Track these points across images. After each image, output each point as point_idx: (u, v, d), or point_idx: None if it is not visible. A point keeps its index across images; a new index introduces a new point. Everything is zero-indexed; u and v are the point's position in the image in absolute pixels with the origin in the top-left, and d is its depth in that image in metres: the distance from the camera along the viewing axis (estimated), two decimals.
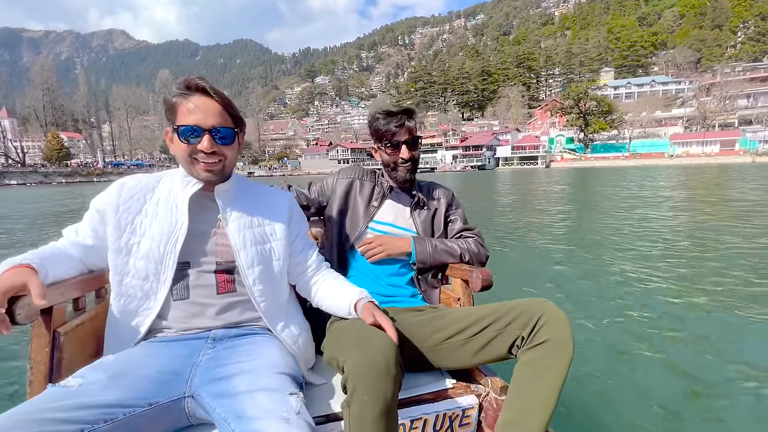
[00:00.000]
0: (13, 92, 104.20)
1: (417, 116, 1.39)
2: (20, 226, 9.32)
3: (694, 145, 57.81)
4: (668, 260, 4.28)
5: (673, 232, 5.98)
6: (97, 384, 0.76)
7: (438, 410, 1.07)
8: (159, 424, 0.80)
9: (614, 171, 34.27)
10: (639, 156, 58.78)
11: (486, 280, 1.23)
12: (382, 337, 0.92)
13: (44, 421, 0.63)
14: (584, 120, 66.28)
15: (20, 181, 54.78)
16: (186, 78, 0.94)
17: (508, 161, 72.12)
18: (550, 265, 4.40)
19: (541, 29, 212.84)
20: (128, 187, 0.98)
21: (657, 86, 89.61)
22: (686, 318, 2.77)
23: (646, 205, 9.52)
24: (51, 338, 0.87)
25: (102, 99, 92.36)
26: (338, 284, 1.14)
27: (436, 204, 1.48)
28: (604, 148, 68.31)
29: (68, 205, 15.75)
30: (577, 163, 61.86)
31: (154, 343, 0.93)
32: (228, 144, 0.96)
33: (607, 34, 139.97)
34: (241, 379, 0.84)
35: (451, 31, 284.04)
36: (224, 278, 0.99)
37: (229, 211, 1.02)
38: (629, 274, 3.84)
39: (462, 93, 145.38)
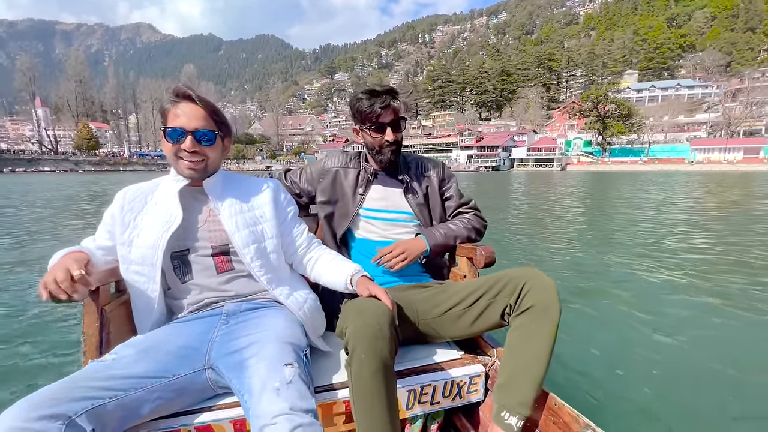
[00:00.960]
0: (46, 82, 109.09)
1: (401, 98, 1.33)
2: (58, 206, 10.54)
3: (716, 152, 56.43)
4: (689, 270, 4.09)
5: (687, 236, 5.82)
6: (128, 358, 0.88)
7: (446, 378, 1.13)
8: (187, 393, 0.91)
9: (630, 175, 34.06)
10: (658, 161, 57.78)
11: (489, 257, 1.30)
12: (377, 305, 1.01)
13: (86, 388, 0.77)
14: (603, 123, 65.35)
15: (52, 168, 57.81)
16: (175, 86, 1.05)
17: (523, 163, 71.78)
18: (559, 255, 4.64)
19: (564, 29, 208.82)
20: (130, 193, 1.11)
21: (682, 90, 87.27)
22: (705, 320, 2.76)
23: (657, 208, 9.53)
24: (99, 315, 1.00)
25: (129, 91, 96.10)
26: (333, 260, 1.23)
27: (427, 181, 1.45)
28: (622, 152, 67.30)
29: (97, 191, 17.13)
30: (593, 167, 61.19)
31: (176, 323, 1.06)
32: (210, 145, 1.07)
33: (633, 35, 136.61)
34: (249, 351, 0.92)
35: (472, 29, 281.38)
36: (221, 259, 1.09)
37: (219, 200, 1.12)
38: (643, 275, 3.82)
39: (480, 93, 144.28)
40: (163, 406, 0.88)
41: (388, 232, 1.40)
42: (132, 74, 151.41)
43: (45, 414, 0.69)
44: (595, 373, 1.97)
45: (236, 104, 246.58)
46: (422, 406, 1.14)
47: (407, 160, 1.47)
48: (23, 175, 43.90)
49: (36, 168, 56.58)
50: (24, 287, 3.38)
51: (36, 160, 59.78)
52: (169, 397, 0.88)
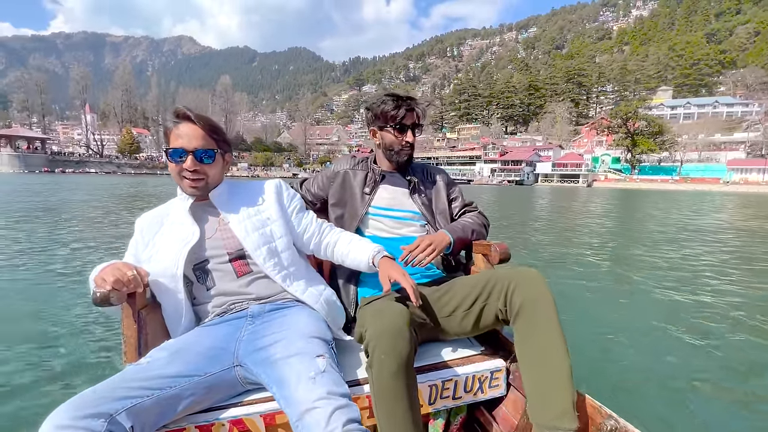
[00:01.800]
0: (95, 90, 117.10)
1: (423, 106, 1.43)
2: (109, 202, 11.89)
3: (755, 173, 53.95)
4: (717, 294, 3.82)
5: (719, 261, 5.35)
6: (161, 360, 0.95)
7: (467, 373, 1.15)
8: (218, 390, 0.98)
9: (660, 194, 33.08)
10: (690, 180, 55.80)
11: (504, 253, 1.31)
12: (394, 306, 1.04)
13: (125, 389, 0.84)
14: (632, 140, 63.81)
15: (97, 169, 62.10)
16: (176, 108, 1.11)
17: (548, 178, 70.85)
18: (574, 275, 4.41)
19: (596, 44, 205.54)
20: (147, 219, 1.21)
21: (720, 107, 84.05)
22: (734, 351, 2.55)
23: (685, 229, 8.93)
24: (137, 318, 1.07)
25: (170, 100, 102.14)
26: (352, 241, 1.29)
27: (433, 185, 1.52)
28: (652, 170, 65.32)
29: (137, 192, 18.74)
30: (621, 184, 59.74)
31: (205, 327, 1.13)
32: (209, 163, 1.12)
33: (668, 51, 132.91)
34: (276, 347, 0.98)
35: (501, 43, 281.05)
36: (239, 263, 1.16)
37: (226, 209, 1.19)
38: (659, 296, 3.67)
39: (507, 107, 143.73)
40: (197, 403, 0.94)
41: (396, 230, 1.44)
42: (173, 84, 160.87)
43: (89, 413, 0.76)
44: (623, 370, 2.07)
45: (267, 114, 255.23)
46: (444, 401, 1.15)
47: (414, 166, 1.54)
48: (71, 176, 47.50)
49: (83, 169, 60.98)
50: (70, 297, 3.41)
51: (83, 162, 64.46)
52: (201, 393, 0.93)
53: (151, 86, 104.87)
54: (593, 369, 2.17)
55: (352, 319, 1.34)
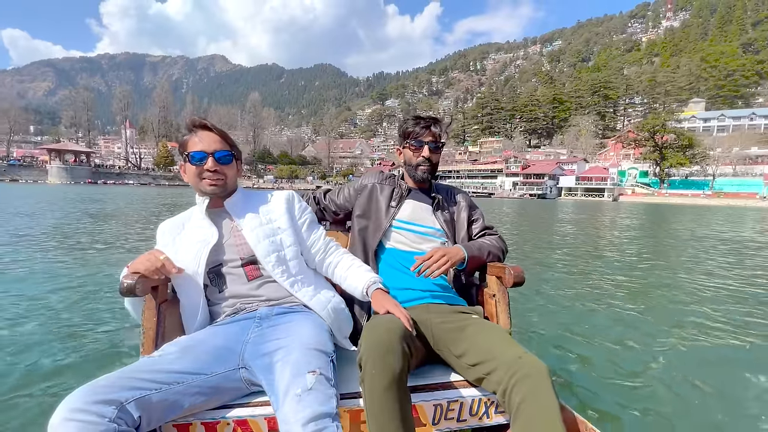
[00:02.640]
0: (134, 107, 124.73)
1: (442, 126, 1.48)
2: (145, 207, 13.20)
3: None
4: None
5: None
6: (171, 355, 1.00)
7: (473, 395, 1.13)
8: (223, 390, 1.01)
9: (690, 209, 31.52)
10: (724, 195, 53.66)
11: (518, 277, 1.31)
12: (389, 320, 1.05)
13: (135, 379, 0.89)
14: (660, 153, 62.20)
15: (134, 181, 66.17)
16: (191, 118, 1.23)
17: (572, 192, 69.69)
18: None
19: (624, 56, 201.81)
20: (168, 224, 1.31)
21: (758, 119, 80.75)
22: None
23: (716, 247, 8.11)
24: (157, 311, 1.14)
25: (203, 116, 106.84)
26: (351, 267, 1.34)
27: (456, 205, 1.56)
28: (683, 184, 63.15)
29: (168, 202, 20.30)
30: (648, 198, 58.09)
31: (215, 326, 1.19)
32: (227, 164, 1.22)
33: (700, 62, 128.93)
34: (277, 355, 1.01)
35: (525, 57, 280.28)
36: (250, 268, 1.23)
37: (240, 217, 1.27)
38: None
39: (530, 120, 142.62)
40: (202, 402, 0.97)
41: (417, 244, 1.46)
42: (205, 101, 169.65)
43: (101, 399, 0.81)
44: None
45: (292, 128, 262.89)
46: (449, 423, 1.13)
47: (438, 186, 1.59)
48: (112, 186, 50.94)
49: (122, 181, 65.14)
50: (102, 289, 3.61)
51: (123, 174, 68.99)
52: (206, 393, 0.97)
53: (186, 103, 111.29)
54: (598, 388, 2.06)
55: (361, 329, 1.32)
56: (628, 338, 2.84)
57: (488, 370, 1.06)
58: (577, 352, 2.55)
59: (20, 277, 4.00)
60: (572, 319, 3.28)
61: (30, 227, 7.94)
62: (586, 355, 2.51)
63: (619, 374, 2.26)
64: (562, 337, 2.83)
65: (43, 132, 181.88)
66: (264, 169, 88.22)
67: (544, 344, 2.69)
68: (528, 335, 2.84)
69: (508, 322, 1.36)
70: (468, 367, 1.13)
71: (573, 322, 3.17)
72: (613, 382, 2.16)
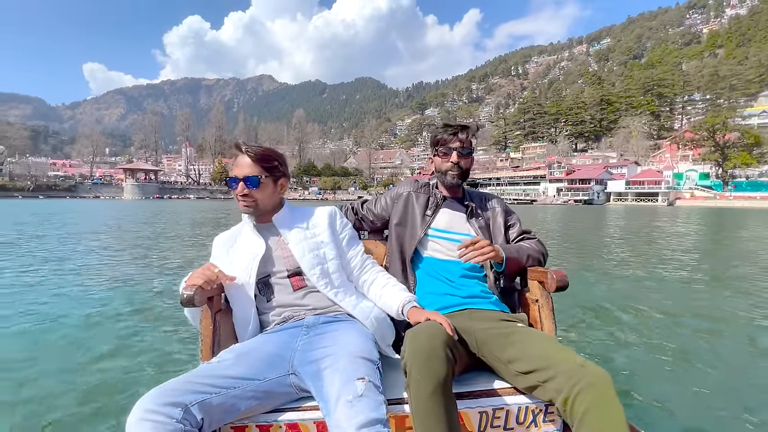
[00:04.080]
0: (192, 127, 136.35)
1: (472, 132, 1.50)
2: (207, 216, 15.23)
3: None
4: None
5: None
6: (228, 361, 1.08)
7: (520, 403, 1.10)
8: (275, 395, 1.08)
9: (760, 214, 28.94)
10: None
11: (561, 281, 1.28)
12: (431, 326, 1.07)
13: (198, 384, 0.96)
14: (722, 153, 57.63)
15: (194, 195, 72.69)
16: (234, 142, 1.34)
17: (622, 197, 66.35)
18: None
19: (682, 50, 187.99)
20: (223, 237, 1.42)
21: None
22: None
23: None
24: (213, 320, 1.22)
25: (253, 133, 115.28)
26: (386, 286, 1.37)
27: (490, 212, 1.57)
28: (751, 186, 57.80)
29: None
30: (710, 202, 54.03)
31: (266, 333, 1.27)
32: (254, 188, 1.29)
33: None
34: (324, 362, 1.06)
35: (570, 58, 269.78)
36: (296, 279, 1.31)
37: (287, 231, 1.36)
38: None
39: (576, 123, 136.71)
40: (259, 405, 1.04)
41: (453, 252, 1.45)
42: (255, 119, 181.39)
43: (169, 401, 0.89)
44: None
45: (335, 140, 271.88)
46: (495, 431, 1.11)
47: (471, 193, 1.61)
48: (176, 201, 56.52)
49: (184, 195, 71.87)
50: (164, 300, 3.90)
51: (184, 189, 76.38)
52: (260, 397, 1.04)
53: (238, 122, 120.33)
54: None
55: (403, 337, 1.29)
56: (688, 353, 2.64)
57: (545, 377, 1.02)
58: (630, 363, 2.47)
59: (105, 289, 4.39)
60: (618, 326, 3.14)
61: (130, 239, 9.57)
62: (636, 368, 2.39)
63: (677, 392, 2.09)
64: (608, 346, 2.69)
65: (116, 153, 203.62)
66: (309, 182, 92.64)
67: (590, 351, 2.63)
68: (573, 343, 2.77)
69: (552, 328, 1.32)
70: (518, 374, 1.10)
71: (619, 330, 3.05)
72: (673, 400, 1.99)
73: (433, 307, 1.34)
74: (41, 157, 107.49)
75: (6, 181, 63.67)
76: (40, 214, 19.31)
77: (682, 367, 2.48)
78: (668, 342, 2.89)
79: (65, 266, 5.79)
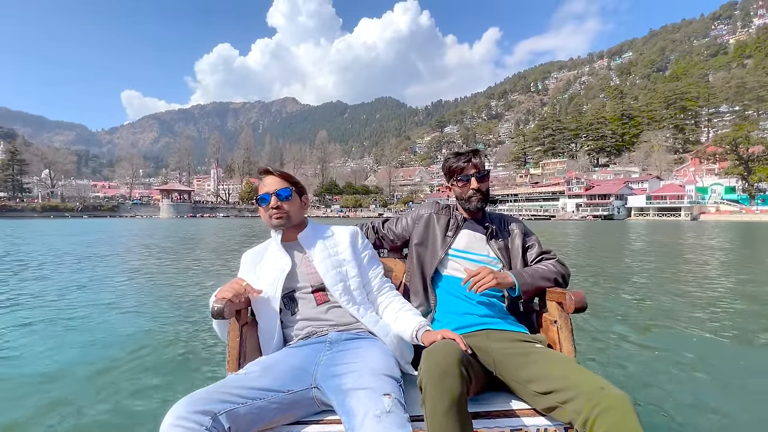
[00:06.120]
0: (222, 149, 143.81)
1: (482, 155, 1.55)
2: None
3: None
4: None
5: None
6: (254, 374, 1.12)
7: (538, 425, 1.09)
8: (299, 407, 1.11)
9: None
10: None
11: (579, 302, 1.27)
12: (446, 344, 1.09)
13: (226, 394, 1.00)
14: (746, 167, 56.76)
15: (224, 214, 76.99)
16: (259, 167, 1.48)
17: (643, 212, 65.65)
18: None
19: (708, 61, 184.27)
20: (252, 253, 1.48)
21: None
22: None
23: None
24: (240, 333, 1.27)
25: (278, 153, 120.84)
26: (401, 310, 1.39)
27: (509, 233, 1.58)
28: None
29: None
30: (735, 216, 53.01)
31: (291, 347, 1.31)
32: (287, 200, 1.39)
33: None
34: (347, 378, 1.08)
35: (591, 72, 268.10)
36: (320, 294, 1.36)
37: (311, 249, 1.42)
38: None
39: (596, 138, 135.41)
40: (282, 416, 1.07)
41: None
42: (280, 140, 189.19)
43: (199, 409, 0.93)
44: None
45: (356, 159, 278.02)
46: None
47: (491, 216, 1.64)
48: (208, 219, 60.13)
49: (214, 214, 76.22)
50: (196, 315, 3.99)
51: (215, 208, 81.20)
52: (285, 408, 1.07)
53: (265, 144, 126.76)
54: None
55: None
56: (719, 373, 2.55)
57: (564, 399, 1.02)
58: (655, 385, 2.39)
59: (136, 303, 4.55)
60: (637, 348, 3.05)
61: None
62: (662, 391, 2.31)
63: (705, 417, 2.05)
64: (632, 368, 2.63)
65: (149, 174, 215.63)
66: (331, 200, 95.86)
67: (611, 372, 2.57)
68: (593, 365, 2.71)
69: (572, 350, 1.30)
70: (536, 394, 1.10)
71: (644, 350, 2.99)
72: (700, 424, 1.98)
73: (452, 326, 1.38)
74: (84, 179, 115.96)
75: (58, 202, 69.64)
76: (108, 231, 21.33)
77: (713, 390, 2.36)
78: (699, 364, 2.74)
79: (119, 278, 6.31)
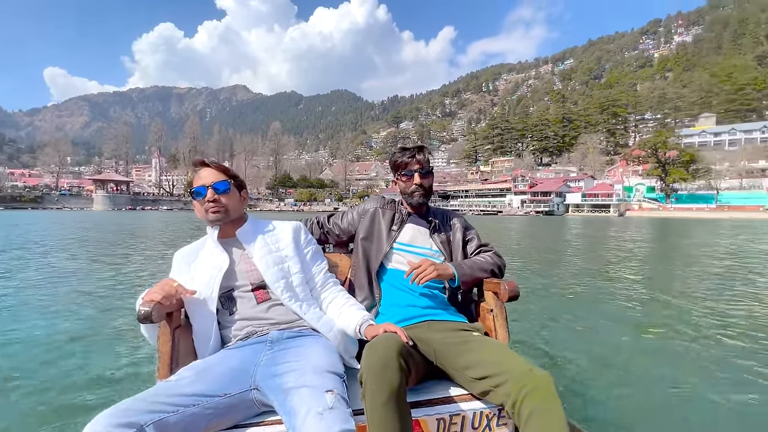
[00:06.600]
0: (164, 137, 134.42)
1: (426, 152, 1.59)
2: None
3: None
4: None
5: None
6: (187, 379, 1.06)
7: (475, 408, 1.15)
8: (237, 410, 1.07)
9: (692, 223, 32.04)
10: (728, 208, 54.95)
11: (512, 291, 1.36)
12: (386, 337, 1.11)
13: (154, 403, 0.94)
14: (663, 169, 64.09)
15: (168, 206, 72.23)
16: (194, 159, 1.38)
17: (579, 208, 71.75)
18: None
19: (636, 72, 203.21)
20: (184, 251, 1.41)
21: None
22: None
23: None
24: (172, 336, 1.20)
25: (228, 144, 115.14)
26: (344, 305, 1.39)
27: (451, 227, 1.65)
28: (690, 198, 64.57)
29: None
30: (654, 213, 59.68)
31: (228, 349, 1.26)
32: (225, 193, 1.33)
33: (710, 77, 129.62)
34: (289, 377, 1.06)
35: (537, 76, 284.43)
36: (260, 292, 1.32)
37: (251, 245, 1.36)
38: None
39: (541, 139, 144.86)
40: (218, 421, 1.03)
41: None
42: (230, 130, 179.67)
43: (123, 422, 0.86)
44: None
45: (311, 152, 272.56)
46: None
47: (434, 210, 1.69)
48: (150, 212, 56.22)
49: (157, 207, 71.31)
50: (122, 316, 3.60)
51: (158, 201, 75.69)
52: (222, 413, 1.03)
53: (213, 133, 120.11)
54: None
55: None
56: (633, 358, 2.80)
57: (497, 383, 1.09)
58: (576, 364, 2.62)
59: (44, 305, 4.04)
60: (570, 333, 3.35)
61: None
62: (582, 368, 2.55)
63: (618, 388, 2.28)
64: (560, 352, 2.83)
65: (79, 162, 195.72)
66: (285, 193, 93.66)
67: (541, 356, 2.75)
68: (524, 347, 2.90)
69: (506, 336, 1.39)
70: (473, 380, 1.16)
71: (572, 338, 3.25)
72: (613, 397, 2.18)
73: (395, 318, 1.41)
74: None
75: None
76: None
77: (621, 368, 2.62)
78: (610, 345, 3.09)
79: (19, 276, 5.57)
